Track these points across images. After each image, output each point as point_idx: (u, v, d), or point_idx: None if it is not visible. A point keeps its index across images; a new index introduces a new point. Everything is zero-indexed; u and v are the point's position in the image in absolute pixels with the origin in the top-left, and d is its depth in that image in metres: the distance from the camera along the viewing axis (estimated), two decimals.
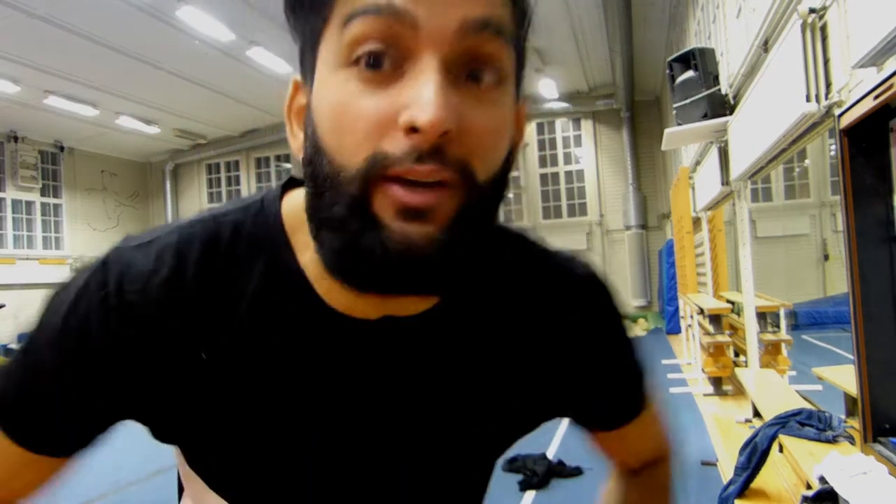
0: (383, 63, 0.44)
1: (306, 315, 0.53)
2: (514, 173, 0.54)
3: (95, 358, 0.52)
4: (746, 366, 6.26)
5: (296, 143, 0.53)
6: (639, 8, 10.93)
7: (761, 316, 5.90)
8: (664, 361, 9.14)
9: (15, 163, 16.60)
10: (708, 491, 3.75)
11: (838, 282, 11.44)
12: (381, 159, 0.43)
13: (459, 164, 0.44)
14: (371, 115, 0.44)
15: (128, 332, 0.52)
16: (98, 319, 0.52)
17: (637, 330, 13.91)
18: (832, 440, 2.82)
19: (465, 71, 0.46)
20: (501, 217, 0.57)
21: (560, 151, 17.72)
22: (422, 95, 0.42)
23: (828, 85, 3.36)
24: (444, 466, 0.62)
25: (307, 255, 0.53)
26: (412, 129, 0.42)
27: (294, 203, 0.55)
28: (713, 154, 6.75)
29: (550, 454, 4.73)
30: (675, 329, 11.88)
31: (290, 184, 0.58)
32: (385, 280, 0.46)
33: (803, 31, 3.43)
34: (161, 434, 0.60)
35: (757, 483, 3.04)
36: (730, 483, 3.10)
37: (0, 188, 16.53)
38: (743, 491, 3.00)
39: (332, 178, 0.45)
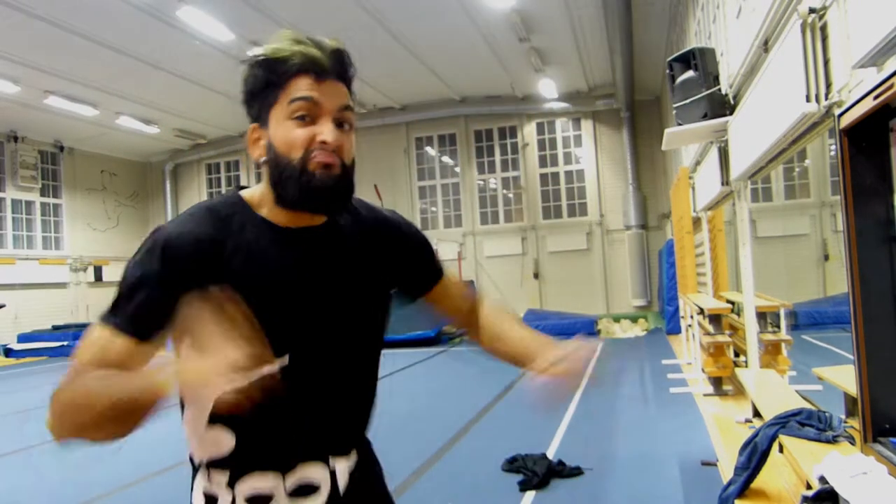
0: (306, 119, 1.05)
1: (266, 230, 1.09)
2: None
3: (166, 275, 1.01)
4: (746, 366, 6.26)
5: (254, 154, 1.11)
6: (639, 8, 10.92)
7: (761, 316, 5.90)
8: (664, 361, 9.14)
9: (15, 163, 16.59)
10: (708, 491, 3.75)
11: (838, 282, 11.43)
12: (310, 152, 1.05)
13: (339, 155, 1.06)
14: (302, 137, 1.05)
15: (188, 259, 1.02)
16: (164, 253, 1.02)
17: (637, 330, 13.91)
18: (832, 440, 2.82)
19: (338, 124, 1.07)
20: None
21: (560, 151, 17.72)
22: (327, 131, 1.05)
23: (828, 85, 3.36)
24: (353, 307, 1.15)
25: (260, 209, 1.11)
26: (323, 143, 1.04)
27: (246, 192, 1.14)
28: (713, 154, 6.75)
29: (550, 454, 4.73)
30: (675, 329, 11.86)
31: (239, 188, 1.16)
32: (315, 200, 1.06)
33: (803, 31, 3.43)
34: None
35: (757, 483, 3.04)
36: (730, 483, 3.10)
37: (0, 188, 16.55)
38: (743, 491, 3.00)
39: (287, 162, 1.05)
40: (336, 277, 1.13)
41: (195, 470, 1.14)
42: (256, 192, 1.12)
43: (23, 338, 15.94)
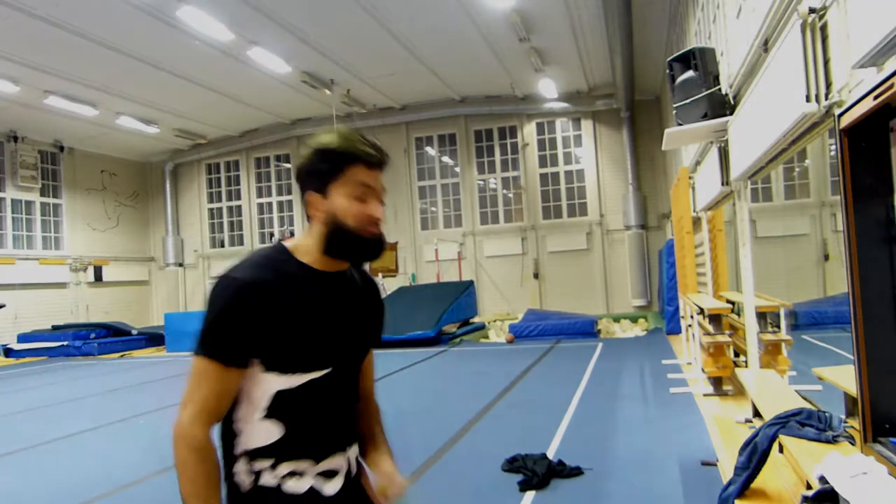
0: (364, 199, 1.44)
1: (309, 274, 1.43)
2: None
3: (250, 315, 1.33)
4: (746, 366, 6.26)
5: (313, 215, 1.44)
6: (639, 8, 10.92)
7: (761, 316, 5.90)
8: (664, 361, 9.14)
9: (15, 163, 16.58)
10: (708, 491, 3.76)
11: (838, 282, 11.41)
12: (365, 223, 1.43)
13: (381, 224, 1.47)
14: (361, 212, 1.43)
15: (260, 299, 1.34)
16: (248, 297, 1.34)
17: (637, 330, 13.91)
18: (832, 440, 2.82)
19: (379, 200, 1.48)
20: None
21: (560, 151, 17.72)
22: (377, 209, 1.45)
23: (828, 85, 3.36)
24: (362, 334, 1.56)
25: (303, 257, 1.45)
26: (374, 219, 1.45)
27: (288, 244, 1.47)
28: (713, 154, 6.75)
29: (550, 454, 4.73)
30: (675, 329, 11.86)
31: (282, 240, 1.51)
32: (365, 255, 1.48)
33: (803, 31, 3.43)
34: (261, 351, 1.37)
35: (757, 483, 3.03)
36: (730, 483, 3.10)
37: (0, 188, 16.55)
38: (743, 491, 2.99)
39: (347, 229, 1.42)
40: (352, 309, 1.52)
41: (234, 459, 1.42)
42: (299, 243, 1.47)
43: (23, 338, 15.94)
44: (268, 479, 1.41)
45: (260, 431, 1.40)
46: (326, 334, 1.43)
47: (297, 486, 1.42)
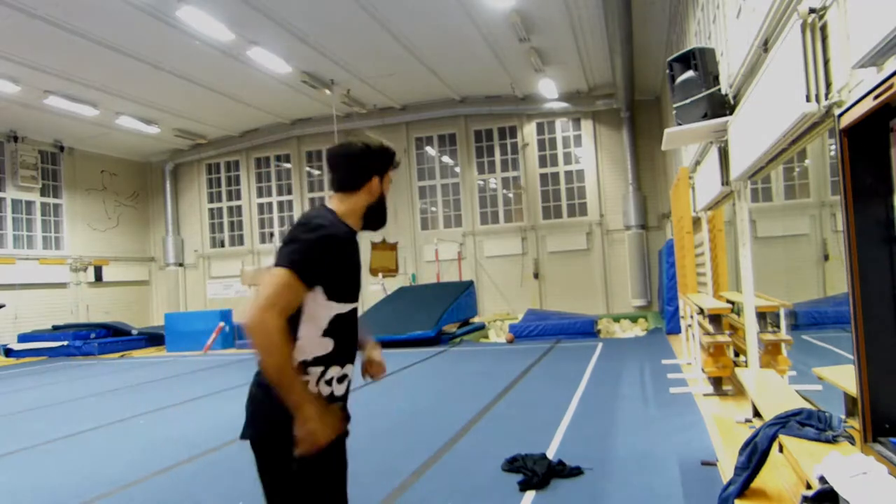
0: (388, 188, 2.23)
1: (353, 234, 2.08)
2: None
3: (328, 254, 1.94)
4: (746, 366, 6.26)
5: (371, 190, 2.12)
6: (639, 8, 10.92)
7: (761, 316, 5.90)
8: (664, 361, 9.14)
9: (15, 163, 16.59)
10: (708, 491, 3.76)
11: (838, 282, 11.40)
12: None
13: None
14: (388, 196, 2.23)
15: (336, 246, 1.97)
16: (329, 242, 1.94)
17: (637, 330, 13.91)
18: (832, 440, 2.81)
19: None
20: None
21: (560, 151, 17.73)
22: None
23: (828, 85, 3.36)
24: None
25: (345, 219, 2.06)
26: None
27: (335, 207, 2.08)
28: (713, 154, 6.75)
29: (550, 454, 4.73)
30: (675, 329, 11.86)
31: (326, 204, 2.17)
32: (383, 224, 2.22)
33: (803, 31, 3.43)
34: (324, 281, 1.94)
35: (757, 483, 3.03)
36: (730, 483, 3.10)
37: (0, 188, 16.55)
38: (743, 491, 2.99)
39: (385, 206, 2.19)
40: (359, 258, 2.11)
41: None
42: (340, 209, 2.05)
43: (23, 338, 15.94)
44: (311, 387, 1.94)
45: (320, 344, 1.96)
46: (358, 275, 2.05)
47: (326, 390, 1.99)
